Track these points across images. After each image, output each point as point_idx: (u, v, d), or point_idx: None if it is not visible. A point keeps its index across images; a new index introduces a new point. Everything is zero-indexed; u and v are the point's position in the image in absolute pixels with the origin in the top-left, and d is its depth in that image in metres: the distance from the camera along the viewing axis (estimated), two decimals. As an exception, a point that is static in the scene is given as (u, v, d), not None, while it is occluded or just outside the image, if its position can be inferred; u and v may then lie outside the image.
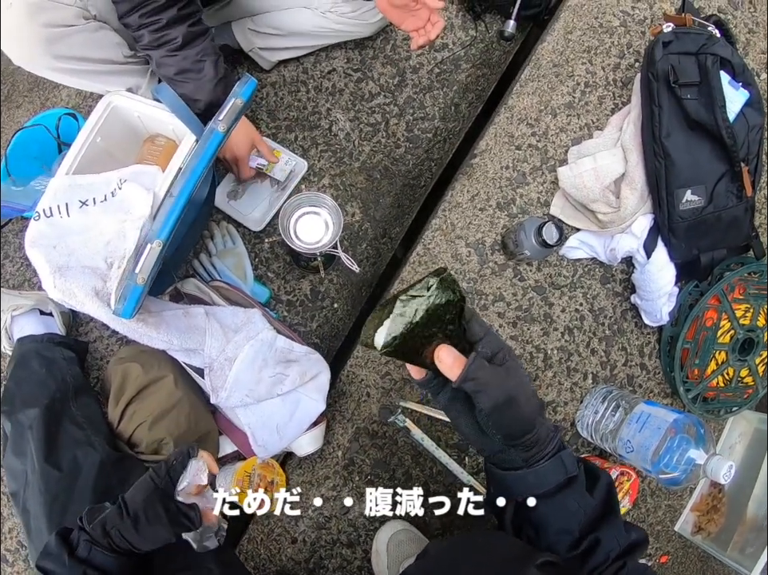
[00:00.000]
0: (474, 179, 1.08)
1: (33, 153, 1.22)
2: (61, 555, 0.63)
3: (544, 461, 0.56)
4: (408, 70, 1.25)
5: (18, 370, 1.02)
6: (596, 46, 1.12)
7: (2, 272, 1.20)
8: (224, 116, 0.86)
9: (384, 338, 0.50)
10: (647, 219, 1.06)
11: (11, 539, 1.06)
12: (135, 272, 0.82)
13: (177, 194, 0.85)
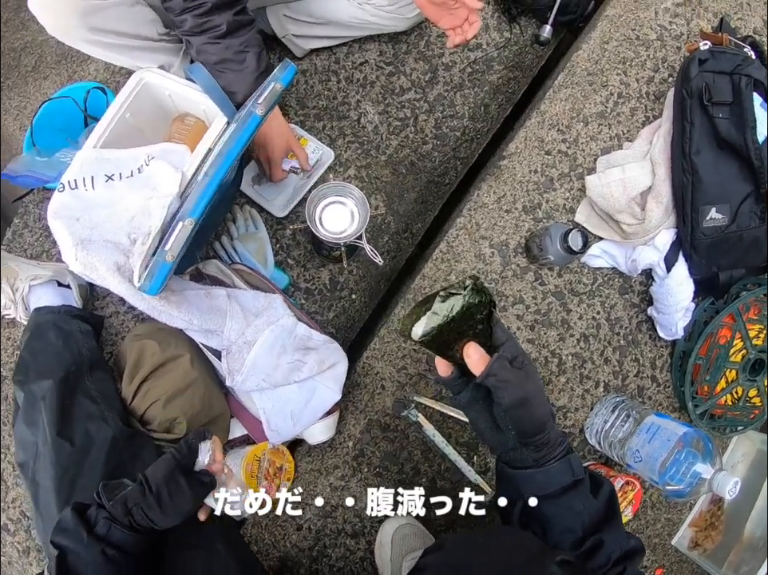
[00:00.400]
0: (501, 180, 1.08)
1: (59, 125, 1.21)
2: (79, 532, 0.63)
3: (554, 461, 0.61)
4: (440, 67, 1.25)
5: (34, 341, 1.01)
6: (632, 58, 1.13)
7: (21, 242, 1.19)
8: (263, 100, 0.85)
9: (423, 328, 0.56)
10: (670, 233, 1.06)
11: (14, 508, 1.06)
12: (165, 249, 0.82)
13: (212, 175, 0.85)
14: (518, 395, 0.58)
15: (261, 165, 1.13)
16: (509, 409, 0.58)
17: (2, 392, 1.11)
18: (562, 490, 0.61)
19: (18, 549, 1.05)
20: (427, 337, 0.57)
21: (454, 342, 0.59)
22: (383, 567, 0.99)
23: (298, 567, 1.01)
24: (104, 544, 0.62)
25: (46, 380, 0.95)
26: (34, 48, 1.40)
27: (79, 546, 0.62)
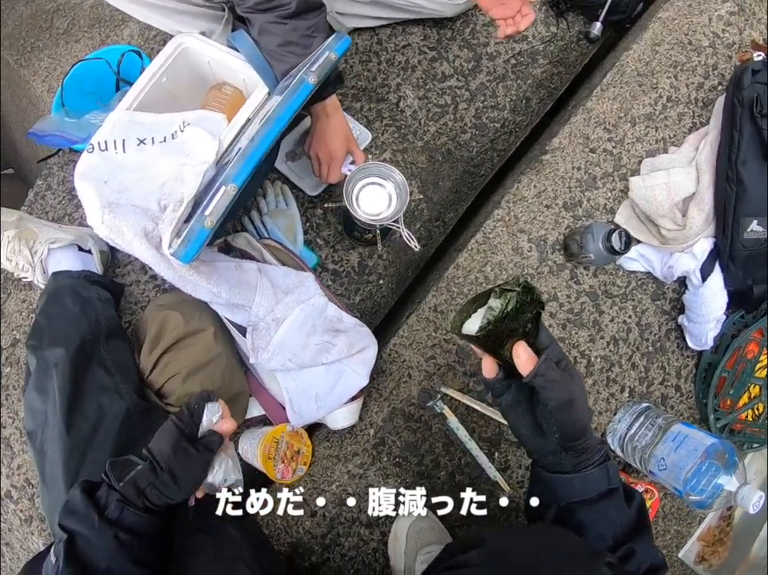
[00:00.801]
0: (543, 175, 1.06)
1: (90, 87, 1.18)
2: (90, 515, 0.59)
3: (592, 468, 0.61)
4: (484, 56, 1.23)
5: (50, 306, 0.97)
6: (683, 63, 1.11)
7: (44, 204, 1.15)
8: (317, 68, 0.82)
9: (480, 323, 0.57)
10: (709, 242, 1.05)
11: (19, 476, 1.02)
12: (204, 214, 0.79)
13: (259, 141, 0.82)
14: (565, 397, 0.57)
15: (317, 164, 1.04)
16: (555, 410, 0.58)
17: (14, 356, 1.07)
18: (598, 497, 0.60)
19: (20, 518, 1.01)
20: (483, 332, 0.57)
21: (505, 340, 0.59)
22: (396, 559, 0.97)
23: (310, 554, 0.98)
24: (117, 528, 0.59)
25: (60, 347, 0.91)
26: (67, 11, 1.37)
27: (90, 531, 0.59)
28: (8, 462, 1.03)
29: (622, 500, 0.62)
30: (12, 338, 1.08)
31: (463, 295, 1.02)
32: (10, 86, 1.44)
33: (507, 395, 0.63)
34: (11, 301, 1.11)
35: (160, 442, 0.63)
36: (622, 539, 0.60)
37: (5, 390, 1.06)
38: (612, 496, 0.61)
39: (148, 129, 0.92)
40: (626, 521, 0.61)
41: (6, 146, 1.71)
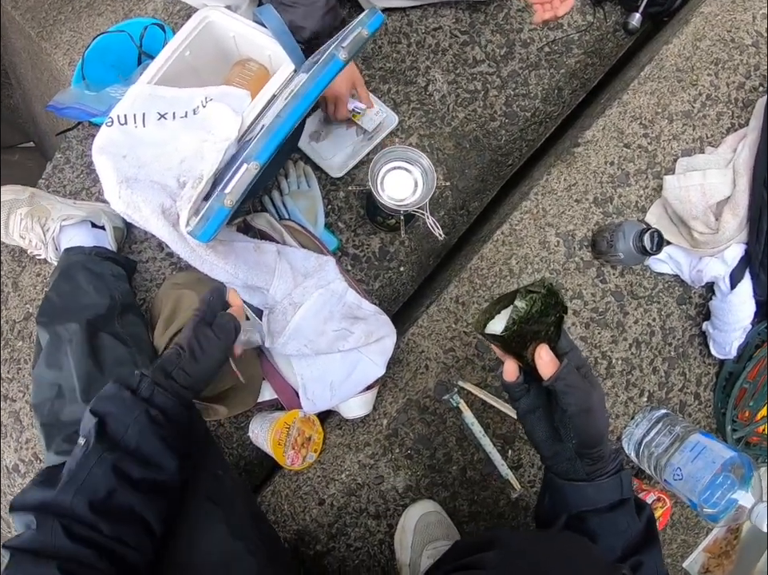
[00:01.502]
0: (574, 168, 1.03)
1: (111, 61, 1.16)
2: (121, 394, 0.62)
3: (606, 477, 0.60)
4: (517, 43, 1.19)
5: (62, 282, 0.96)
6: (725, 60, 1.07)
7: (61, 178, 1.13)
8: (348, 44, 0.79)
9: (505, 323, 0.58)
10: (741, 248, 1.02)
11: (27, 450, 1.01)
12: (224, 192, 0.76)
13: (286, 117, 0.79)
14: (584, 403, 0.57)
15: (325, 103, 1.07)
16: (574, 416, 0.57)
17: (27, 329, 1.05)
18: (609, 507, 0.60)
19: (24, 489, 1.00)
20: (507, 332, 0.57)
21: (529, 341, 0.59)
22: (402, 552, 0.96)
23: (315, 542, 0.97)
24: (148, 404, 0.62)
25: (74, 323, 0.90)
26: None
27: (122, 408, 0.62)
28: (16, 436, 1.02)
29: (633, 511, 0.61)
30: (25, 311, 1.07)
31: (486, 287, 1.00)
32: (31, 59, 1.42)
33: (525, 399, 0.62)
34: (26, 274, 1.09)
35: (184, 331, 0.68)
36: (630, 551, 0.59)
37: (16, 364, 1.04)
38: (624, 506, 0.60)
39: (170, 104, 0.89)
40: (635, 532, 0.60)
41: (27, 119, 1.69)
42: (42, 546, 0.55)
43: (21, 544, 0.56)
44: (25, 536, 0.57)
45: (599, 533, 0.60)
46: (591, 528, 0.60)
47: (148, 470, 0.62)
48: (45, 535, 0.56)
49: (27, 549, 0.55)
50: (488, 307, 0.62)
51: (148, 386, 0.63)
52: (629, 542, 0.60)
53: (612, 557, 0.59)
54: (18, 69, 1.53)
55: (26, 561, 0.54)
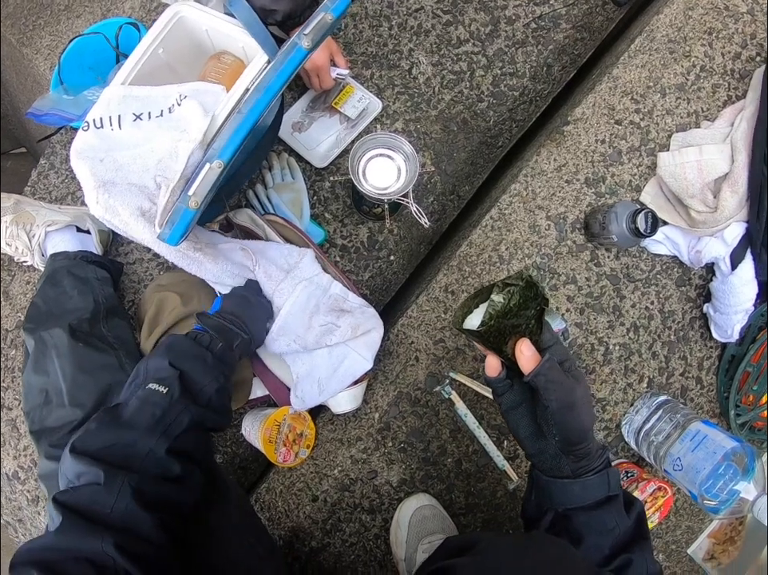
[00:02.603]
0: (564, 147, 0.99)
1: (89, 63, 1.14)
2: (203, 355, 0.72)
3: (592, 474, 0.59)
4: (502, 20, 1.15)
5: (48, 288, 0.96)
6: (719, 29, 1.03)
7: (47, 184, 1.12)
8: (311, 31, 0.76)
9: (481, 317, 0.56)
10: (741, 227, 0.97)
11: (25, 457, 1.01)
12: (188, 195, 0.74)
13: (247, 112, 0.76)
14: (567, 399, 0.56)
15: (308, 77, 1.05)
16: (556, 412, 0.56)
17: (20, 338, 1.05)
18: (596, 505, 0.59)
19: (27, 498, 1.01)
20: (484, 327, 0.55)
21: (508, 336, 0.57)
22: (397, 548, 0.95)
23: (310, 539, 0.96)
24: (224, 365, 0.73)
25: (58, 328, 0.90)
26: None
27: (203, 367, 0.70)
28: (14, 444, 1.02)
29: (621, 508, 0.60)
30: (17, 320, 1.06)
31: (475, 274, 0.97)
32: (15, 66, 1.41)
33: (509, 395, 0.61)
34: (16, 283, 1.08)
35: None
36: (619, 549, 0.58)
37: (10, 373, 1.04)
38: (612, 504, 0.59)
39: (144, 104, 0.87)
40: (624, 530, 0.59)
41: (16, 125, 1.69)
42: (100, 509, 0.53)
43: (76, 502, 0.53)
44: (82, 491, 0.54)
45: (586, 532, 0.59)
46: (578, 526, 0.59)
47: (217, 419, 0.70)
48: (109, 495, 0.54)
49: (83, 510, 0.53)
50: (465, 302, 0.60)
51: (222, 348, 0.73)
52: (618, 540, 0.58)
53: (600, 556, 0.58)
54: (3, 76, 1.52)
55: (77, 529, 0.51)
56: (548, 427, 0.58)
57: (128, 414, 0.62)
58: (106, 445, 0.58)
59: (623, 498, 0.61)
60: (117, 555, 0.49)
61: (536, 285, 0.57)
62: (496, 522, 0.99)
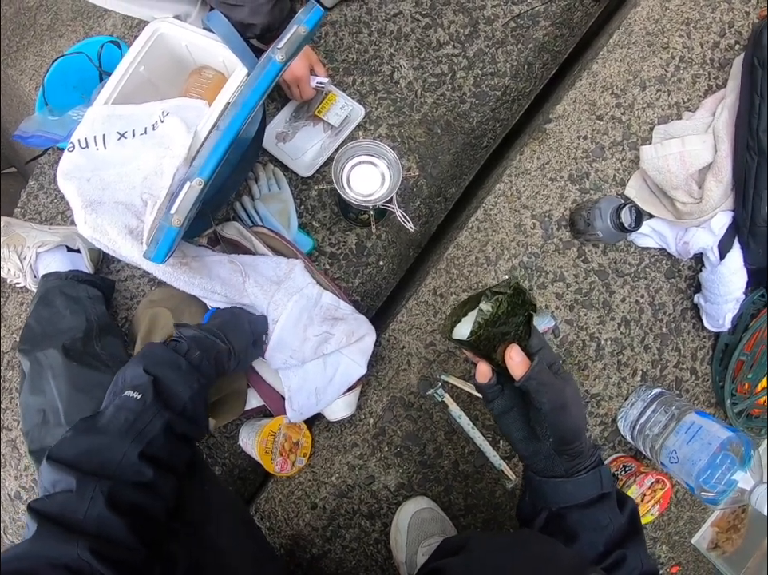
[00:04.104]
0: (547, 145, 1.00)
1: (73, 82, 1.15)
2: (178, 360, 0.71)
3: (585, 472, 0.60)
4: (481, 21, 1.15)
5: (41, 308, 0.97)
6: (696, 19, 1.02)
7: (36, 205, 1.13)
8: (284, 44, 0.76)
9: (471, 326, 0.56)
10: (727, 216, 0.97)
11: (26, 477, 1.02)
12: (170, 213, 0.75)
13: (225, 128, 0.77)
14: (558, 400, 0.57)
15: (288, 88, 1.06)
16: (549, 413, 0.57)
17: (16, 359, 1.06)
18: (589, 502, 0.60)
19: (32, 517, 1.01)
20: (474, 336, 0.56)
21: (497, 343, 0.58)
22: (398, 551, 0.95)
23: (311, 546, 0.96)
24: (199, 373, 0.72)
25: (52, 348, 0.91)
26: (50, 5, 1.33)
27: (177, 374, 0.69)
28: (15, 464, 1.03)
29: (614, 505, 0.60)
30: (13, 341, 1.07)
31: (463, 276, 0.97)
32: (1, 87, 1.42)
33: (500, 400, 0.61)
34: (10, 305, 1.09)
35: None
36: (613, 545, 0.59)
37: (8, 394, 1.05)
38: (604, 501, 0.60)
39: (128, 122, 0.88)
40: (618, 526, 0.59)
41: (5, 146, 1.71)
42: (74, 515, 0.53)
43: (50, 509, 0.54)
44: (55, 499, 0.54)
45: (580, 529, 0.59)
46: (572, 524, 0.60)
47: (189, 427, 0.69)
48: (81, 502, 0.54)
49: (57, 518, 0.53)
50: (453, 311, 0.60)
51: (199, 356, 0.72)
52: (612, 537, 0.59)
53: (595, 553, 0.58)
54: (-10, 98, 1.54)
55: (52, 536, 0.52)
56: (541, 429, 0.59)
57: (103, 421, 0.62)
58: (81, 451, 0.59)
59: (615, 496, 0.61)
60: (93, 560, 0.49)
61: (523, 292, 0.58)
62: (497, 522, 1.00)
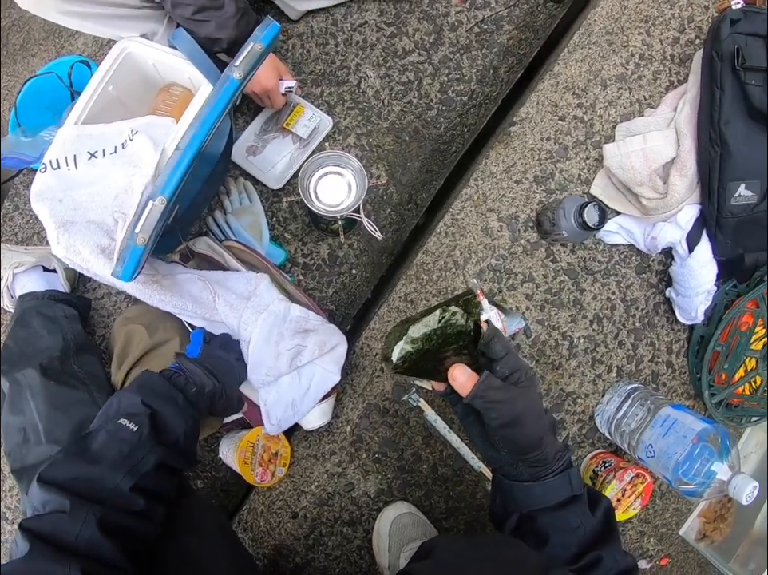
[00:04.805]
0: (511, 148, 1.00)
1: (45, 103, 1.16)
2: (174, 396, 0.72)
3: (552, 476, 0.59)
4: (445, 27, 1.16)
5: (18, 329, 0.98)
6: (655, 16, 1.03)
7: (12, 225, 1.14)
8: (241, 62, 0.77)
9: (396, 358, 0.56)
10: (694, 209, 0.98)
11: (11, 497, 1.03)
12: (135, 232, 0.76)
13: (185, 147, 0.78)
14: (507, 416, 0.56)
15: (259, 99, 1.08)
16: (499, 429, 0.57)
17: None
18: (558, 505, 0.60)
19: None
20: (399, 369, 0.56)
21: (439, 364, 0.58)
22: (381, 556, 0.95)
23: (294, 555, 0.97)
24: (195, 410, 0.73)
25: (30, 368, 0.92)
26: (22, 25, 1.34)
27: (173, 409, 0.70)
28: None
29: (585, 507, 0.60)
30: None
31: (433, 281, 0.98)
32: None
33: (460, 405, 0.62)
34: (-13, 327, 1.11)
35: None
36: (587, 546, 0.58)
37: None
38: (575, 503, 0.60)
39: (98, 141, 0.89)
40: (590, 528, 0.59)
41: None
42: (66, 536, 0.53)
43: (43, 529, 0.54)
44: (48, 519, 0.55)
45: (551, 531, 0.59)
46: (542, 526, 0.60)
47: (182, 460, 0.70)
48: (74, 523, 0.54)
49: (49, 538, 0.53)
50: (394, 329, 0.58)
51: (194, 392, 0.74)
52: (585, 538, 0.59)
53: (568, 554, 0.58)
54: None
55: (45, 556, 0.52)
56: (495, 441, 0.60)
57: (96, 446, 0.63)
58: (72, 476, 0.59)
59: (587, 497, 0.61)
60: None
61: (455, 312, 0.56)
62: (479, 523, 1.00)
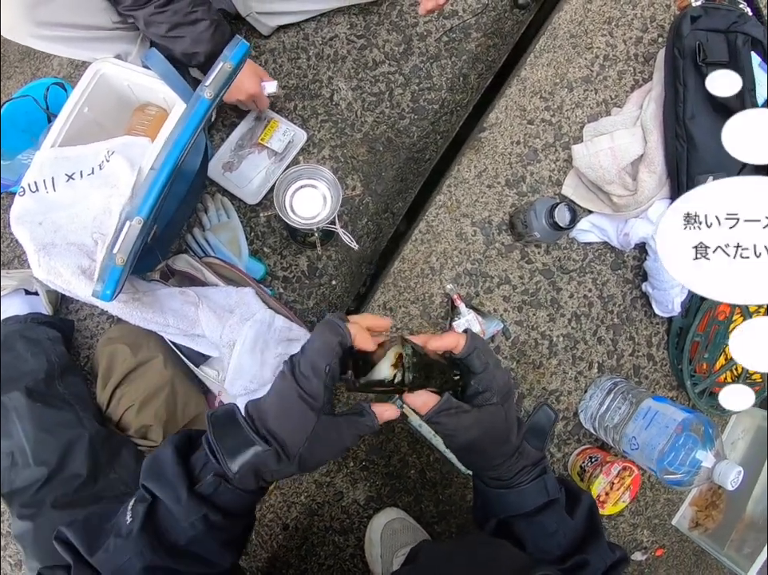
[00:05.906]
0: (482, 154, 1.02)
1: (22, 126, 1.17)
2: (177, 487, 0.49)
3: (526, 484, 0.59)
4: (415, 38, 1.18)
5: (2, 353, 0.98)
6: (618, 18, 1.06)
7: None
8: (211, 82, 0.79)
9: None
10: (664, 204, 1.00)
11: (4, 522, 1.03)
12: (113, 253, 0.77)
13: (159, 167, 0.79)
14: (461, 440, 0.56)
15: (244, 106, 1.09)
16: (455, 451, 0.60)
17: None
18: (535, 511, 0.59)
19: (10, 563, 1.02)
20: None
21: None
22: (374, 564, 0.96)
23: (287, 567, 0.97)
24: (208, 507, 0.49)
25: (16, 391, 0.92)
26: None
27: (175, 505, 0.49)
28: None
29: (562, 511, 0.60)
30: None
31: (410, 289, 0.99)
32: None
33: None
34: (-28, 351, 1.11)
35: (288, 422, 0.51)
36: (571, 549, 0.59)
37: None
38: (551, 508, 0.60)
39: (75, 163, 0.90)
40: (569, 531, 0.59)
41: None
42: None
43: None
44: None
45: (528, 536, 0.60)
46: (519, 532, 0.60)
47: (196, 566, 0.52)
48: None
49: None
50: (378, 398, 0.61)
51: (212, 481, 0.49)
52: (566, 541, 0.59)
53: (550, 558, 0.58)
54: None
55: None
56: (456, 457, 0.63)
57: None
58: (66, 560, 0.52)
59: (568, 496, 0.61)
60: None
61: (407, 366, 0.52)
62: (471, 526, 1.01)
